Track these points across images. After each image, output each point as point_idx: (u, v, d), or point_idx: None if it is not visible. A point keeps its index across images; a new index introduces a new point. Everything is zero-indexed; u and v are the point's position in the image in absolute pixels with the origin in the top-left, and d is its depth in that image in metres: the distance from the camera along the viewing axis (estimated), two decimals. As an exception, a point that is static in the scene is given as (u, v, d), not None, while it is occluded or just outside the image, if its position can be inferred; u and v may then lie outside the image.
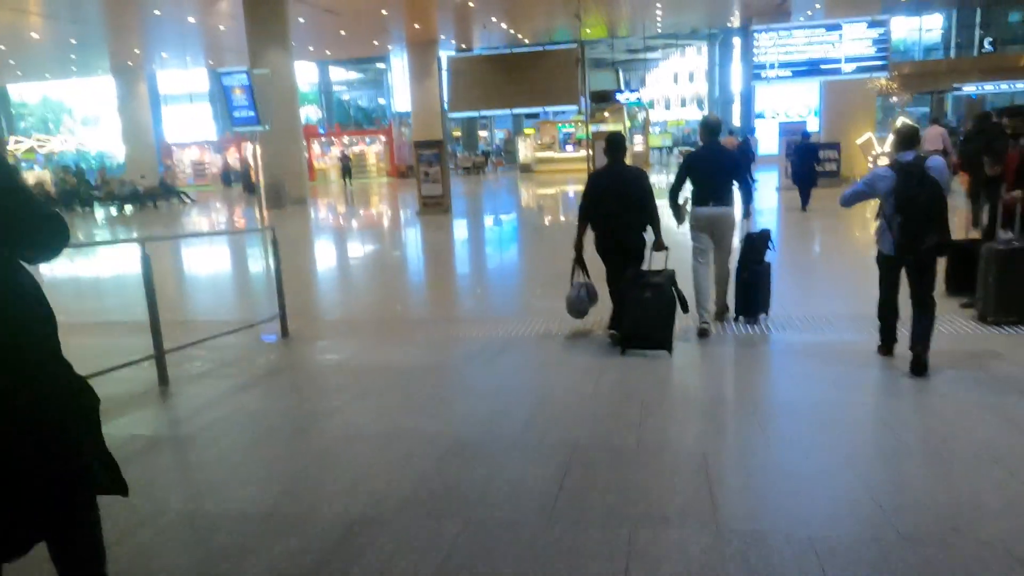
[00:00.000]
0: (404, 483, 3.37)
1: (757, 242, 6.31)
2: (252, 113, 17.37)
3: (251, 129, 17.94)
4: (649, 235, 5.82)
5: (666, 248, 5.80)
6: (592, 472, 3.40)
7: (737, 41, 43.10)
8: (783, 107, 29.89)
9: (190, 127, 43.68)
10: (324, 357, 6.05)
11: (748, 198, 6.61)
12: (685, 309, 5.63)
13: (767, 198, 17.47)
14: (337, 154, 38.54)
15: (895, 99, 18.87)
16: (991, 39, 32.77)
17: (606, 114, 33.76)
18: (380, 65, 51.43)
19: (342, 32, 31.23)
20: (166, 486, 3.53)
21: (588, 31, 34.52)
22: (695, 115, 62.34)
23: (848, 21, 15.06)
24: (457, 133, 47.68)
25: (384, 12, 27.09)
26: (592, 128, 19.02)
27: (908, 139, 4.84)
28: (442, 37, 33.52)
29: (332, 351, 6.20)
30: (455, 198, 22.44)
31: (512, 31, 32.57)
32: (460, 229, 15.16)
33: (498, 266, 10.70)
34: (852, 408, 4.21)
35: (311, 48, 35.40)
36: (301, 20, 27.24)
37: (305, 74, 51.16)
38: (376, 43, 34.96)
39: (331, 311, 7.81)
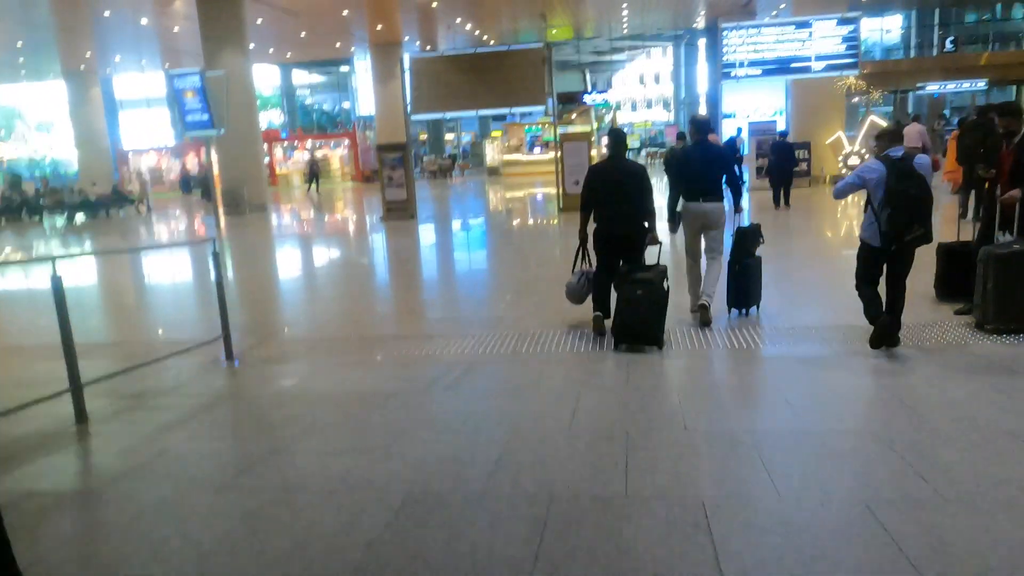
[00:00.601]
0: (351, 550, 2.82)
1: (749, 236, 6.43)
2: (206, 117, 16.60)
3: (206, 134, 17.16)
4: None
5: (659, 242, 5.94)
6: (574, 532, 2.87)
7: (702, 43, 43.15)
8: (749, 107, 29.76)
9: (148, 132, 42.40)
10: (270, 385, 5.44)
11: (738, 194, 6.78)
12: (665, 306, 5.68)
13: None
14: (301, 159, 37.70)
15: (857, 100, 18.68)
16: (952, 39, 33.04)
17: (573, 116, 33.41)
18: (344, 68, 50.59)
19: (303, 34, 30.45)
20: (59, 564, 2.92)
21: (554, 32, 34.16)
22: (662, 116, 62.62)
23: (818, 19, 14.81)
24: (424, 136, 47.02)
25: (345, 13, 26.41)
26: (560, 130, 18.58)
27: (897, 135, 5.20)
28: (406, 38, 32.86)
29: (280, 377, 5.60)
30: (421, 203, 21.83)
31: (477, 32, 32.07)
32: (426, 235, 14.58)
33: (465, 274, 10.16)
34: (861, 437, 3.74)
35: (271, 50, 34.54)
36: (259, 21, 26.45)
37: (266, 77, 50.18)
38: (339, 45, 34.19)
39: (284, 329, 7.20)
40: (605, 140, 6.37)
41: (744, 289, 6.35)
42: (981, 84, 31.64)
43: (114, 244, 16.20)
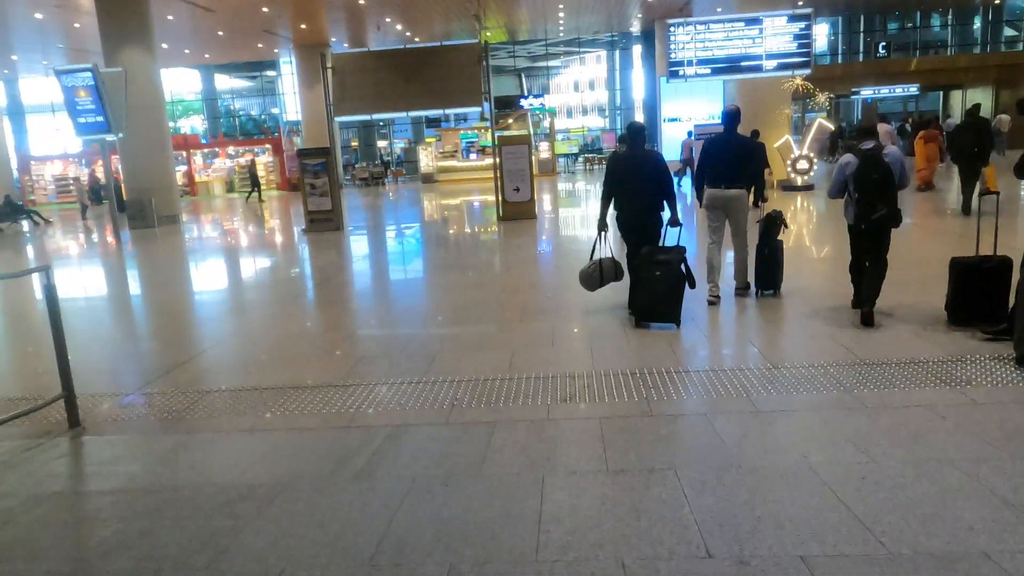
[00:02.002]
0: None
1: (773, 222, 6.84)
2: (101, 118, 14.74)
3: (100, 137, 15.29)
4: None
5: (680, 224, 6.28)
6: None
7: (638, 49, 42.74)
8: (686, 112, 29.14)
9: (54, 139, 39.40)
10: (111, 470, 3.97)
11: (761, 185, 7.38)
12: (692, 285, 6.05)
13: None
14: (222, 166, 35.51)
15: (791, 109, 18.09)
16: (884, 44, 33.35)
17: (510, 121, 32.28)
18: (272, 73, 48.43)
19: (220, 32, 28.46)
20: None
21: (488, 34, 33.00)
22: (597, 123, 62.27)
23: (768, 15, 14.03)
24: (355, 143, 45.20)
25: (265, 10, 24.62)
26: (498, 135, 17.37)
27: (867, 131, 5.98)
28: (333, 39, 31.22)
29: (129, 455, 4.14)
30: (350, 213, 20.32)
31: (408, 33, 30.66)
32: (353, 250, 13.12)
33: (395, 298, 8.80)
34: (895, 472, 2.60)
35: (187, 51, 32.34)
36: (170, 17, 24.46)
37: (188, 82, 47.54)
38: (261, 45, 32.23)
39: (162, 376, 5.72)
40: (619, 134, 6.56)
41: (769, 271, 6.86)
42: (913, 89, 31.95)
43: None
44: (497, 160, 15.34)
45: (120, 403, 4.99)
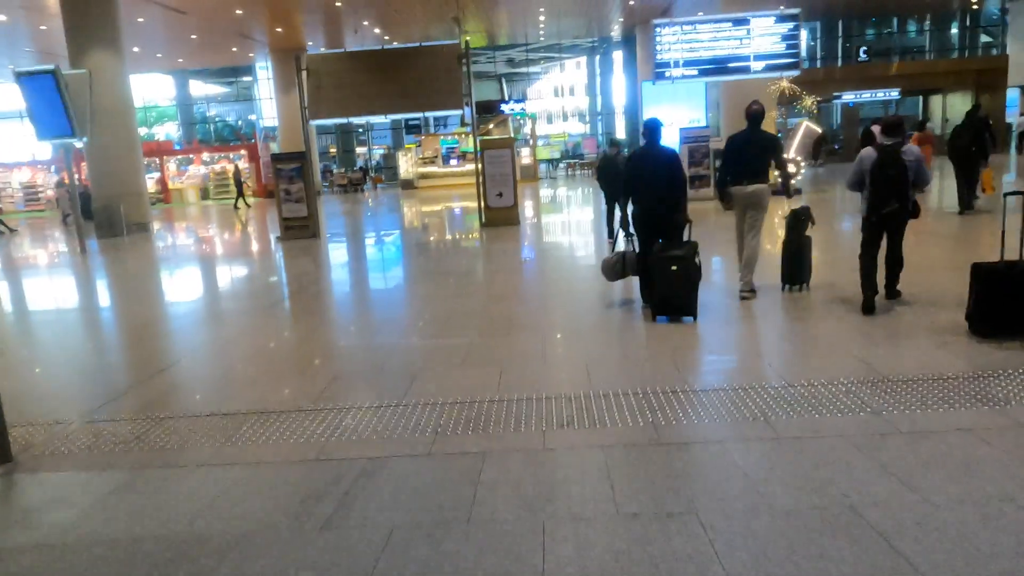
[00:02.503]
0: None
1: (801, 217, 6.91)
2: (64, 122, 14.08)
3: (63, 141, 14.62)
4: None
5: (690, 221, 6.32)
6: None
7: (618, 55, 42.54)
8: (669, 117, 28.83)
9: (22, 145, 38.32)
10: (38, 518, 3.41)
11: (788, 179, 7.35)
12: (699, 277, 6.16)
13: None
14: (197, 172, 34.70)
15: (777, 112, 17.84)
16: (865, 49, 33.36)
17: (491, 126, 31.82)
18: (248, 78, 47.66)
19: (193, 36, 27.77)
20: None
21: (468, 38, 32.54)
22: (578, 128, 62.04)
23: (756, 15, 13.70)
24: (333, 150, 44.54)
25: (239, 12, 24.01)
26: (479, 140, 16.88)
27: (892, 127, 6.02)
28: (310, 43, 30.64)
29: (63, 498, 3.59)
30: (327, 219, 19.74)
31: (387, 37, 30.13)
32: (329, 259, 12.58)
33: (373, 310, 8.27)
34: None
35: (159, 55, 31.57)
36: (141, 20, 23.77)
37: (162, 87, 46.59)
38: (235, 49, 31.53)
39: (114, 400, 5.16)
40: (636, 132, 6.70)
41: (797, 266, 6.94)
42: (894, 93, 31.93)
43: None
44: (479, 165, 14.87)
45: (62, 433, 4.43)
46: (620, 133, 43.31)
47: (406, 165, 33.00)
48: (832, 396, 4.21)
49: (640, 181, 6.35)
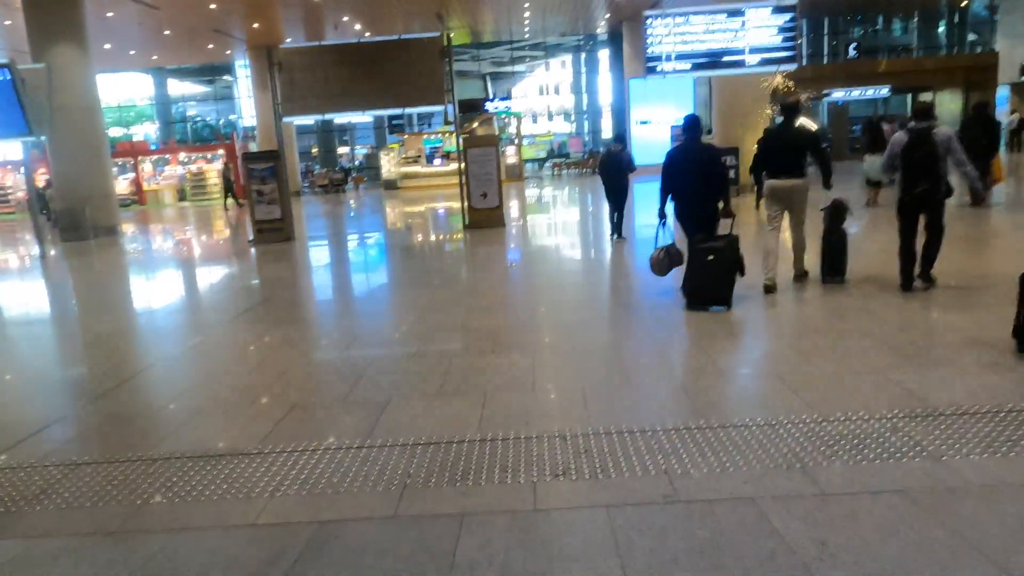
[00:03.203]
0: None
1: (839, 211, 6.90)
2: (19, 118, 13.22)
3: (16, 140, 13.76)
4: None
5: (733, 215, 6.47)
6: None
7: (604, 53, 41.93)
8: (656, 116, 28.19)
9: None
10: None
11: (828, 173, 7.02)
12: (742, 272, 6.31)
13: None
14: (173, 173, 33.71)
15: (771, 109, 17.24)
16: (855, 45, 32.93)
17: (476, 124, 31.10)
18: (229, 78, 46.66)
19: (167, 32, 26.84)
20: None
21: (451, 35, 31.79)
22: (564, 128, 61.46)
23: (752, 6, 13.06)
24: (315, 151, 43.65)
25: (213, 6, 23.12)
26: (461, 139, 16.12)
27: (922, 112, 6.23)
28: (288, 40, 29.74)
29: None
30: (306, 221, 18.96)
31: (368, 34, 29.29)
32: (301, 264, 11.81)
33: (342, 324, 7.53)
34: None
35: (132, 52, 30.56)
36: (110, 14, 22.86)
37: (141, 86, 45.44)
38: (212, 47, 30.59)
39: (24, 440, 4.40)
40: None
41: (837, 258, 6.90)
42: (884, 91, 31.52)
43: None
44: (462, 165, 14.15)
45: (-45, 484, 3.68)
46: (607, 132, 42.76)
47: (388, 165, 32.18)
48: (876, 434, 3.54)
49: (678, 176, 6.41)
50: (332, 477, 3.46)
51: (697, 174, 6.30)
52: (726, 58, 13.24)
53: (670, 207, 6.61)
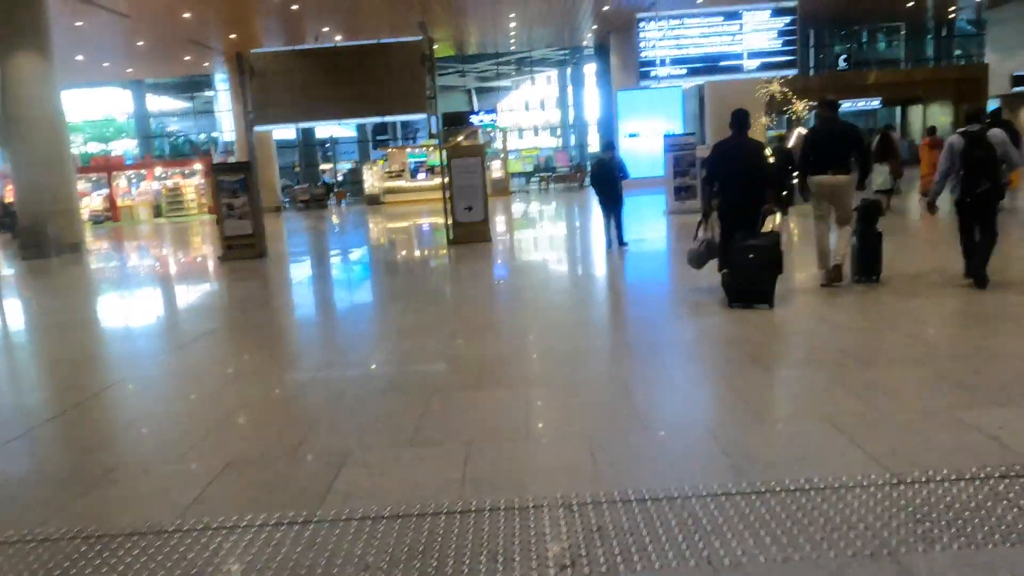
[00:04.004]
0: None
1: (873, 210, 6.85)
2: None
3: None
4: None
5: (775, 212, 7.12)
6: None
7: (590, 67, 41.44)
8: (645, 128, 27.54)
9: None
10: None
11: (866, 171, 7.15)
12: (780, 270, 6.28)
13: (654, 226, 14.53)
14: (149, 189, 32.69)
15: (768, 119, 16.65)
16: (845, 57, 32.58)
17: (460, 138, 30.35)
18: (211, 92, 45.73)
19: (140, 43, 25.98)
20: None
21: (435, 47, 31.12)
22: (550, 143, 61.00)
23: (749, 9, 12.41)
24: (297, 168, 42.76)
25: (187, 15, 22.30)
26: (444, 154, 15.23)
27: (974, 115, 6.56)
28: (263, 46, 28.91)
29: None
30: (282, 238, 18.09)
31: (340, 38, 28.52)
32: (269, 285, 10.94)
33: (305, 354, 6.67)
34: None
35: (106, 64, 29.65)
36: (79, 24, 21.97)
37: (121, 102, 44.38)
38: (189, 58, 29.72)
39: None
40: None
41: (869, 259, 6.85)
42: (875, 103, 31.14)
43: None
44: (446, 179, 13.34)
45: None
46: (594, 146, 42.21)
47: (372, 179, 31.34)
48: (972, 501, 2.72)
49: (725, 172, 6.42)
50: (265, 568, 2.61)
51: (743, 170, 6.32)
52: (723, 63, 12.59)
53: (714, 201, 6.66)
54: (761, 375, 4.69)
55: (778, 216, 6.83)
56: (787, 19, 12.46)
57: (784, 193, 10.52)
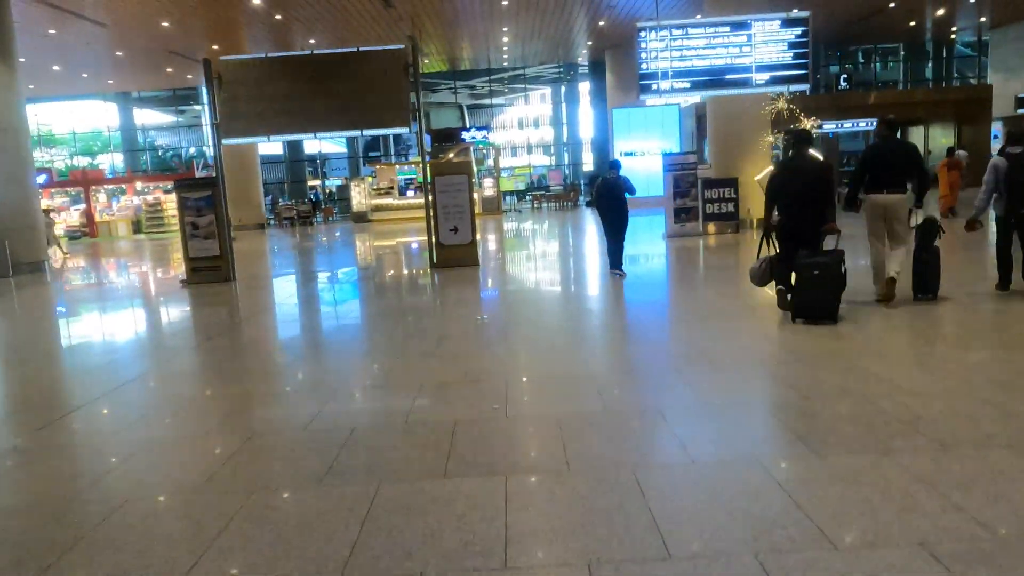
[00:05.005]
0: None
1: (930, 228, 6.93)
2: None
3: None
4: None
5: (838, 231, 6.39)
6: None
7: (585, 86, 40.75)
8: (641, 147, 26.69)
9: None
10: None
11: (924, 189, 7.05)
12: (843, 287, 6.32)
13: (654, 253, 13.55)
14: (129, 204, 31.65)
15: (773, 137, 15.76)
16: (845, 77, 31.91)
17: (451, 155, 29.45)
18: (198, 107, 44.77)
19: (119, 53, 25.03)
20: None
21: (427, 62, 30.32)
22: (543, 161, 60.30)
23: (759, 19, 11.52)
24: (286, 184, 41.73)
25: (165, 24, 21.36)
26: (431, 173, 14.18)
27: (1017, 137, 6.95)
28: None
29: None
30: (257, 258, 17.05)
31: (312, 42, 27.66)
32: (230, 315, 9.86)
33: (242, 410, 5.60)
34: None
35: (84, 75, 28.66)
36: (52, 31, 21.03)
37: (108, 116, 43.31)
38: (171, 70, 28.79)
39: None
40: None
41: (929, 276, 6.96)
42: (875, 124, 30.36)
43: None
44: (430, 196, 12.34)
45: None
46: (588, 165, 41.44)
47: (359, 197, 30.34)
48: None
49: (787, 191, 6.48)
50: None
51: (804, 189, 6.36)
52: (730, 76, 11.66)
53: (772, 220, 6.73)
54: (820, 457, 3.66)
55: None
56: (798, 30, 11.58)
57: None
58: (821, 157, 7.74)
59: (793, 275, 6.49)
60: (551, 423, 4.27)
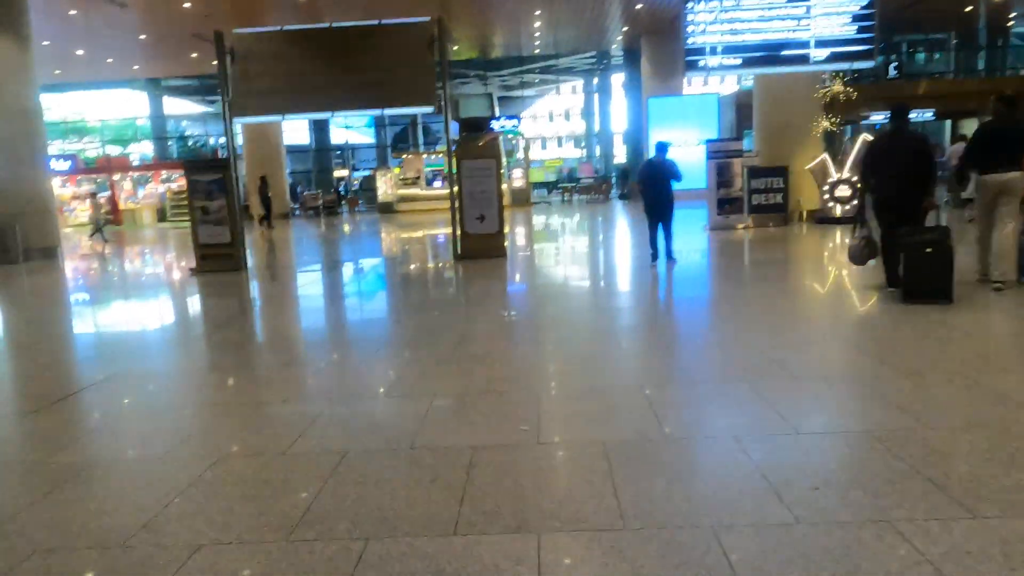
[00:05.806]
0: None
1: None
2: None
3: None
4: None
5: (936, 207, 6.39)
6: None
7: (617, 78, 39.53)
8: (678, 139, 25.45)
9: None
10: None
11: None
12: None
13: (695, 245, 12.50)
14: (154, 191, 31.32)
15: (828, 122, 14.58)
16: (896, 65, 30.38)
17: (480, 144, 28.51)
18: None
19: (142, 36, 24.49)
20: None
21: (456, 48, 29.42)
22: (574, 153, 59.18)
23: (819, -13, 10.42)
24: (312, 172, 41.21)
25: (187, 5, 20.71)
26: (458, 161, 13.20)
27: None
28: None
29: None
30: (276, 247, 16.33)
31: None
32: (237, 307, 9.05)
33: (274, 428, 4.73)
34: None
35: (109, 60, 28.20)
36: (73, 12, 20.50)
37: (138, 103, 43.13)
38: (196, 55, 28.19)
39: None
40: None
41: None
42: (928, 115, 28.87)
43: None
44: (455, 188, 11.44)
45: None
46: (620, 157, 40.31)
47: (385, 187, 29.57)
48: None
49: (880, 165, 6.31)
50: None
51: (902, 163, 6.19)
52: (786, 52, 10.56)
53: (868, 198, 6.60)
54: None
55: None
56: (863, 0, 10.42)
57: None
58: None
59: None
60: (596, 453, 3.32)
